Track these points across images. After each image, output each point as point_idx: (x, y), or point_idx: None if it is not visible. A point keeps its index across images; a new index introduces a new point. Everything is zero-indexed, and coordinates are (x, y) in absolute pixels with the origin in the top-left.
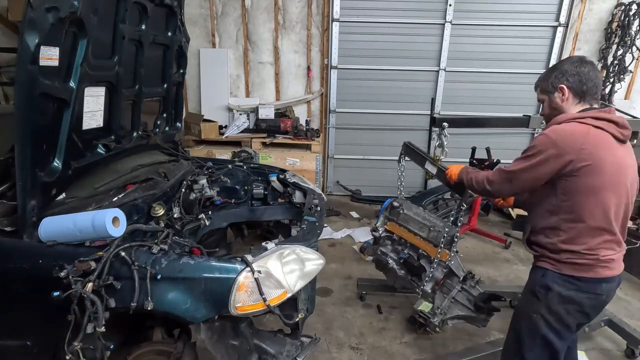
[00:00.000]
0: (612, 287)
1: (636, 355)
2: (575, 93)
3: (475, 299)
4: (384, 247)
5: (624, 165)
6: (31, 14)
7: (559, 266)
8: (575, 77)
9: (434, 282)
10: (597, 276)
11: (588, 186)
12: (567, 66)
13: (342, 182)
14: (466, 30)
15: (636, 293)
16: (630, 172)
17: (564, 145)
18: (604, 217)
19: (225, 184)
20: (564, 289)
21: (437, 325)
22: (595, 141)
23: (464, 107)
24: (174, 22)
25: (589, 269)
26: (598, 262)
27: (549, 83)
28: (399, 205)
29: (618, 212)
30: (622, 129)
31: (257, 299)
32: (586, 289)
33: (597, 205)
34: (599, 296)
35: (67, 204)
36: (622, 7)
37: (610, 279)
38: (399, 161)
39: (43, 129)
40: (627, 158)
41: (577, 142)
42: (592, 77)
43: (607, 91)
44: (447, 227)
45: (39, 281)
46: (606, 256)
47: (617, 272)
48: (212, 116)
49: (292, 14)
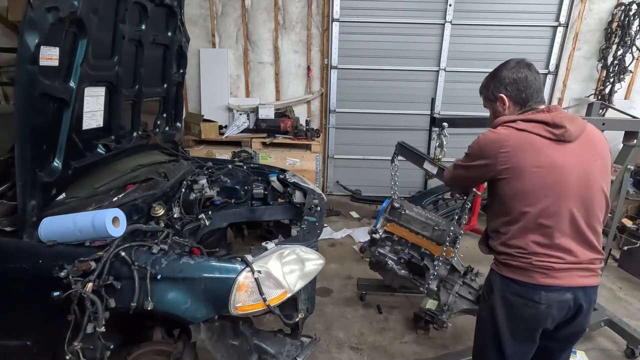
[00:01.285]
0: (557, 299)
1: (636, 355)
2: (515, 102)
3: (477, 291)
4: (382, 248)
5: (561, 166)
6: (31, 14)
7: (499, 267)
8: (513, 85)
9: (438, 279)
10: (532, 282)
11: (514, 189)
12: (505, 73)
13: (342, 182)
14: (466, 30)
15: (636, 293)
16: (572, 173)
17: (486, 151)
18: (535, 221)
19: (225, 184)
20: (502, 291)
21: (445, 321)
22: (516, 144)
23: (464, 107)
24: (174, 22)
25: (524, 273)
26: (532, 267)
27: (490, 92)
28: (400, 206)
29: (559, 217)
30: (553, 128)
31: (257, 299)
32: (523, 293)
33: (525, 208)
34: (538, 304)
35: (67, 204)
36: (622, 7)
37: (550, 287)
38: (392, 161)
39: (43, 129)
40: (567, 158)
41: (496, 147)
42: (530, 83)
43: (607, 91)
44: (451, 225)
45: (39, 281)
46: (541, 261)
47: (565, 284)
48: (212, 116)
49: (292, 14)
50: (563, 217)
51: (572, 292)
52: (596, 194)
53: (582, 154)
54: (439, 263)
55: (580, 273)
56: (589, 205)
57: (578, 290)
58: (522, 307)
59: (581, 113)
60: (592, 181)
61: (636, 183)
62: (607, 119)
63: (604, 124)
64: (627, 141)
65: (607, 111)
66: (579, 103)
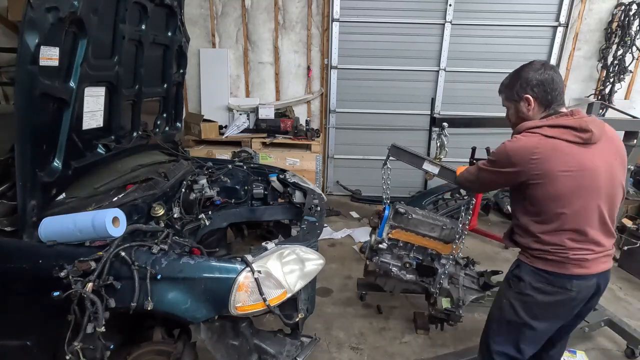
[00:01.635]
0: (586, 285)
1: (636, 355)
2: (541, 103)
3: (479, 279)
4: (383, 256)
5: (591, 168)
6: (31, 14)
7: (531, 259)
8: (540, 87)
9: (448, 277)
10: (567, 272)
11: (547, 194)
12: (532, 74)
13: (342, 182)
14: (466, 30)
15: (636, 293)
16: (601, 173)
17: (516, 159)
18: (571, 221)
19: (225, 184)
20: (534, 280)
21: (462, 315)
22: (546, 151)
23: (464, 107)
24: (174, 22)
25: (560, 266)
26: (569, 260)
27: (514, 92)
28: (406, 211)
29: (590, 214)
30: (580, 133)
31: (257, 299)
32: (556, 283)
33: (560, 210)
34: (569, 292)
35: (67, 204)
36: (622, 7)
37: (582, 276)
38: (384, 164)
39: (43, 129)
40: (595, 160)
41: (526, 155)
42: (556, 85)
43: (607, 91)
44: (456, 223)
45: (39, 281)
46: (577, 255)
47: (593, 271)
48: (212, 116)
49: (292, 14)
50: (594, 214)
51: (597, 277)
52: (618, 190)
53: (606, 155)
54: (449, 261)
55: (603, 259)
56: (612, 200)
57: (600, 275)
58: (554, 295)
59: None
60: (615, 179)
61: (636, 183)
62: (606, 119)
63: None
64: (627, 141)
65: (607, 111)
66: (579, 103)
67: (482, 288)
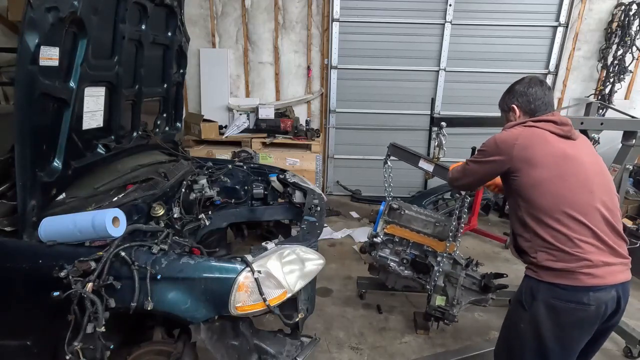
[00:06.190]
0: (605, 298)
1: (635, 355)
2: (525, 112)
3: (481, 281)
4: (382, 251)
5: (574, 157)
6: (31, 14)
7: (539, 272)
8: (524, 97)
9: (444, 275)
10: (580, 285)
11: (533, 180)
12: (518, 87)
13: (342, 182)
14: (466, 30)
15: (636, 293)
16: (588, 167)
17: (502, 146)
18: (562, 205)
19: (225, 184)
20: (546, 297)
21: (456, 315)
22: (528, 136)
23: (464, 107)
24: (174, 22)
25: (569, 276)
26: (573, 261)
27: (505, 103)
28: (399, 207)
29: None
30: (560, 126)
31: (257, 299)
32: (569, 297)
33: (547, 193)
34: (587, 306)
35: (67, 204)
36: (622, 7)
37: (597, 288)
38: (384, 163)
39: (43, 129)
40: (578, 152)
41: (510, 142)
42: (539, 97)
43: (607, 91)
44: (450, 220)
45: (39, 281)
46: (579, 252)
47: (609, 282)
48: (212, 116)
49: (292, 14)
50: (591, 209)
51: (615, 289)
52: (612, 186)
53: (589, 151)
54: (443, 259)
55: (619, 268)
56: (610, 196)
57: (619, 286)
58: (572, 312)
59: (580, 113)
60: (606, 176)
61: (636, 183)
62: (605, 118)
63: (602, 123)
64: (626, 141)
65: (606, 111)
66: (578, 103)
67: (483, 290)
